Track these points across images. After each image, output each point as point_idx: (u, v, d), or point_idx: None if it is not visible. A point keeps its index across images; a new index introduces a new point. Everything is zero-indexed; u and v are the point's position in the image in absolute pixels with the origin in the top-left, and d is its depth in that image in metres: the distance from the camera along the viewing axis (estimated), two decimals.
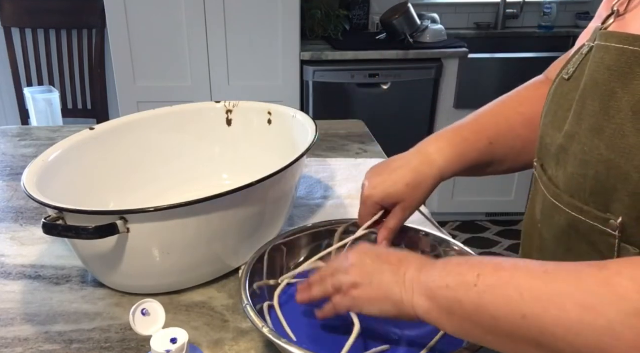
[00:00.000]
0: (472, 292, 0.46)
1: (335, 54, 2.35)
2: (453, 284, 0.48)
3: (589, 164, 0.49)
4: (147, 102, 2.35)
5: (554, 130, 0.56)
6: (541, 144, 0.60)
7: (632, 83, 0.45)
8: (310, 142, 0.77)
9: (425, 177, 0.68)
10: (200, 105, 0.99)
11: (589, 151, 0.49)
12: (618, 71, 0.47)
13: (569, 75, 0.56)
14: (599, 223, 0.49)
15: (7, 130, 1.35)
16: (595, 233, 0.49)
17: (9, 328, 0.66)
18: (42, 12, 2.49)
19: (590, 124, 0.49)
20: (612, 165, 0.46)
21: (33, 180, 0.70)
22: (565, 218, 0.53)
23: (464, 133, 0.69)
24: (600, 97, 0.48)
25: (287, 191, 0.79)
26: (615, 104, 0.46)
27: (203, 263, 0.72)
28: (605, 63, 0.48)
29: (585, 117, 0.50)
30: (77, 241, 0.68)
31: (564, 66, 0.58)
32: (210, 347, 0.63)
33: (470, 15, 2.89)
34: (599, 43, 0.51)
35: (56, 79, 2.58)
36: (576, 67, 0.55)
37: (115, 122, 0.90)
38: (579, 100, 0.51)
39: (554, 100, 0.58)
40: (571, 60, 0.57)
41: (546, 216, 0.57)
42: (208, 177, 0.96)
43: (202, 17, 2.26)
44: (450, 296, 0.48)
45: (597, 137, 0.48)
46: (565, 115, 0.54)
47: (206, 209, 0.66)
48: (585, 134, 0.49)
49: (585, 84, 0.51)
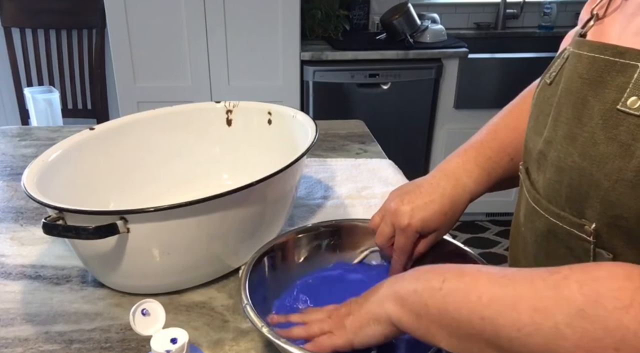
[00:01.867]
0: (437, 296, 0.48)
1: (335, 54, 2.35)
2: (420, 289, 0.49)
3: (563, 171, 0.50)
4: (147, 102, 2.35)
5: (536, 134, 0.57)
6: (525, 147, 0.60)
7: (603, 91, 0.46)
8: (310, 142, 0.77)
9: (460, 204, 0.68)
10: (200, 105, 1.00)
11: (563, 158, 0.50)
12: (590, 79, 0.47)
13: (550, 79, 0.56)
14: (574, 228, 0.50)
15: (7, 130, 1.35)
16: (572, 239, 0.50)
17: (9, 328, 0.66)
18: (42, 12, 2.49)
19: (564, 131, 0.50)
20: (584, 172, 0.47)
21: (33, 180, 0.70)
22: (544, 223, 0.54)
23: (487, 152, 0.69)
24: (573, 105, 0.49)
25: (287, 191, 0.79)
26: (587, 112, 0.47)
27: (203, 263, 0.72)
28: (578, 71, 0.49)
29: (560, 124, 0.51)
30: (77, 241, 0.68)
31: (546, 70, 0.59)
32: (210, 347, 0.63)
33: (470, 15, 2.89)
34: (573, 50, 0.52)
35: (56, 79, 2.58)
36: (557, 71, 0.55)
37: (115, 122, 0.90)
38: (556, 107, 0.52)
39: (536, 104, 0.58)
40: (553, 65, 0.57)
41: (528, 220, 0.58)
42: (208, 177, 0.96)
43: (202, 17, 2.26)
44: (417, 300, 0.49)
45: (571, 144, 0.49)
46: (545, 121, 0.55)
47: (206, 209, 0.66)
48: (560, 141, 0.50)
49: (561, 91, 0.51)
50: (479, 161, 0.69)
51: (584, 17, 0.55)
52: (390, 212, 0.68)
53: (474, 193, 0.68)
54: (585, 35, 0.53)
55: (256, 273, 0.65)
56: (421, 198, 0.67)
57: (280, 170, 0.70)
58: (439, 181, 0.68)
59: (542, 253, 0.56)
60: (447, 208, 0.67)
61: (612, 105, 0.45)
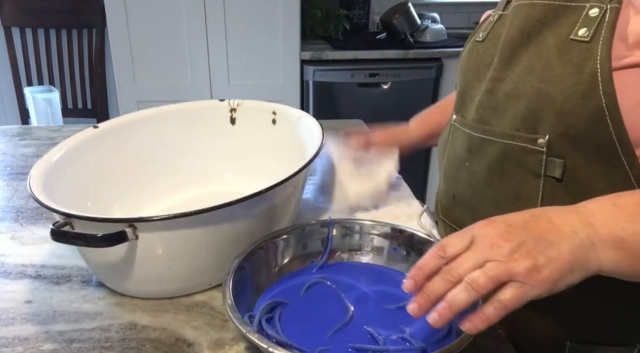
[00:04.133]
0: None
1: (335, 53, 2.35)
2: None
3: (521, 97, 0.61)
4: (147, 101, 2.35)
5: (478, 82, 0.70)
6: (463, 98, 0.74)
7: (558, 28, 0.58)
8: (318, 146, 0.76)
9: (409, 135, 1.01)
10: (204, 103, 0.99)
11: (521, 86, 0.61)
12: (545, 21, 0.60)
13: (482, 38, 0.71)
14: (529, 143, 0.60)
15: (7, 129, 1.35)
16: (525, 154, 0.61)
17: (9, 328, 0.66)
18: (42, 12, 2.49)
19: (524, 65, 0.61)
20: (541, 92, 0.58)
21: (39, 183, 0.69)
22: (497, 148, 0.64)
23: (426, 117, 1.04)
24: (534, 43, 0.60)
25: (294, 194, 0.78)
26: (545, 46, 0.59)
27: (211, 268, 0.71)
28: (533, 16, 0.61)
29: (517, 61, 0.62)
30: None
31: (471, 35, 0.76)
32: (211, 347, 0.63)
33: (470, 14, 2.89)
34: (522, 2, 0.64)
35: (56, 79, 2.58)
36: (488, 31, 0.70)
37: (118, 120, 0.90)
38: (505, 51, 0.64)
39: (470, 60, 0.73)
40: (480, 28, 0.74)
41: (475, 152, 0.69)
42: (212, 175, 0.95)
43: (202, 17, 2.26)
44: None
45: (530, 73, 0.60)
46: (487, 69, 0.68)
47: (215, 217, 0.65)
48: (518, 74, 0.62)
49: (511, 38, 0.63)
50: (420, 125, 1.04)
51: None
52: None
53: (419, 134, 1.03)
54: (511, 1, 0.67)
55: (240, 272, 0.64)
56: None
57: (290, 177, 0.69)
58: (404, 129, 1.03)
59: (495, 176, 0.65)
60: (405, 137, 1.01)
61: (566, 38, 0.57)
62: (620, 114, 0.52)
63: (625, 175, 0.55)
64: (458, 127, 0.74)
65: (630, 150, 0.54)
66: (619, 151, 0.54)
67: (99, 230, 0.61)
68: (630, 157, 0.54)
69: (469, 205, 0.72)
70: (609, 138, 0.54)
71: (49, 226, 0.63)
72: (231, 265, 0.63)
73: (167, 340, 0.64)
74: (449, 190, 0.77)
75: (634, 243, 0.46)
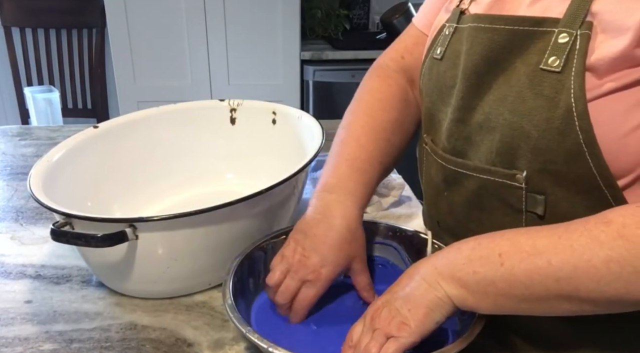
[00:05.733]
0: (502, 271, 0.49)
1: (336, 53, 2.35)
2: (479, 268, 0.50)
3: (494, 129, 0.55)
4: (147, 101, 2.35)
5: (444, 105, 0.63)
6: (432, 120, 0.66)
7: (527, 56, 0.53)
8: (318, 146, 0.77)
9: (357, 224, 0.64)
10: (204, 103, 0.99)
11: (494, 118, 0.55)
12: (511, 48, 0.54)
13: (440, 55, 0.64)
14: (507, 179, 0.56)
15: (7, 129, 1.35)
16: (504, 189, 0.56)
17: (9, 328, 0.66)
18: (42, 12, 2.49)
19: (495, 95, 0.56)
20: (514, 126, 0.53)
21: (39, 183, 0.69)
22: (474, 182, 0.59)
23: (358, 165, 0.67)
24: (502, 71, 0.55)
25: (294, 194, 0.78)
26: (515, 75, 0.54)
27: (211, 269, 0.71)
28: (498, 42, 0.55)
29: (486, 89, 0.57)
30: None
31: (430, 46, 0.67)
32: (211, 347, 0.63)
33: None
34: (477, 25, 0.58)
35: (56, 79, 2.58)
36: (445, 46, 0.63)
37: (118, 120, 0.90)
38: (471, 78, 0.58)
39: (431, 79, 0.66)
40: (436, 40, 0.65)
41: (452, 183, 0.63)
42: (212, 175, 0.95)
43: (202, 17, 2.26)
44: (481, 279, 0.50)
45: (501, 105, 0.55)
46: (450, 92, 0.61)
47: (215, 217, 0.65)
48: (489, 104, 0.56)
49: (475, 64, 0.57)
50: (354, 177, 0.66)
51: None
52: (294, 266, 0.61)
53: (362, 207, 0.65)
54: (465, 12, 0.61)
55: (240, 273, 0.64)
56: (320, 240, 0.61)
57: (290, 177, 0.69)
58: (327, 212, 0.63)
59: (475, 210, 0.61)
60: (348, 235, 0.62)
61: (536, 66, 0.52)
62: (599, 148, 0.49)
63: (610, 207, 0.52)
64: (430, 154, 0.67)
65: (612, 183, 0.51)
66: (601, 184, 0.51)
67: (99, 230, 0.61)
68: (613, 190, 0.51)
69: (454, 234, 0.65)
70: (589, 173, 0.51)
71: (49, 226, 0.63)
72: (231, 265, 0.63)
73: (167, 340, 0.64)
74: (432, 216, 0.72)
75: (472, 282, 0.51)
